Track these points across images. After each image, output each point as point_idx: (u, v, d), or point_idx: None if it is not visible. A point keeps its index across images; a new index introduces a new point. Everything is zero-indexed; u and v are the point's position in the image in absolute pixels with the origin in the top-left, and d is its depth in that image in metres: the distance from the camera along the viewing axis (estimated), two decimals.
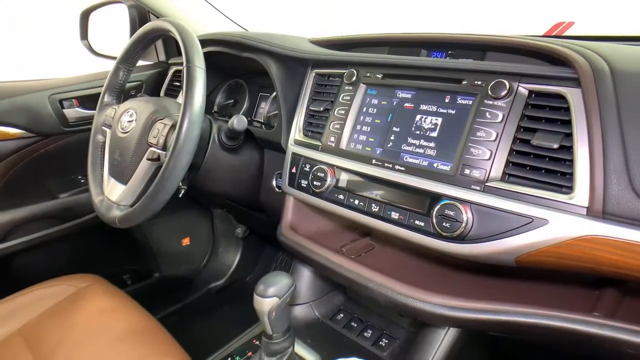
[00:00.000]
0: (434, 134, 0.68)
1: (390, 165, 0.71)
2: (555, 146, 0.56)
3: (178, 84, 1.26)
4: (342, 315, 0.88)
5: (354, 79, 0.80)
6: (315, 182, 0.79)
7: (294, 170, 0.84)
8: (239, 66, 1.06)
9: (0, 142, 1.15)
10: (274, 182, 0.96)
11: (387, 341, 0.80)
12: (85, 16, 1.36)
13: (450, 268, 0.75)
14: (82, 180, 1.32)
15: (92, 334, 0.94)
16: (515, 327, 0.59)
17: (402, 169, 0.69)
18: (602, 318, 0.54)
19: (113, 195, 0.90)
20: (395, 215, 0.68)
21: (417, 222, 0.66)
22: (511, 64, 0.63)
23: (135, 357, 0.86)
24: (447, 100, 0.68)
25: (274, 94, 1.03)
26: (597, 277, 0.62)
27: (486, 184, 0.60)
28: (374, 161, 0.73)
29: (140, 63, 1.32)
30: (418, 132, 0.70)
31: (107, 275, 1.13)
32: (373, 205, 0.71)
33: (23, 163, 1.20)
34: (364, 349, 0.79)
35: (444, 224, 0.62)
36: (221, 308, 1.53)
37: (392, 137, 0.72)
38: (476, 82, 0.65)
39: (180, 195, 0.89)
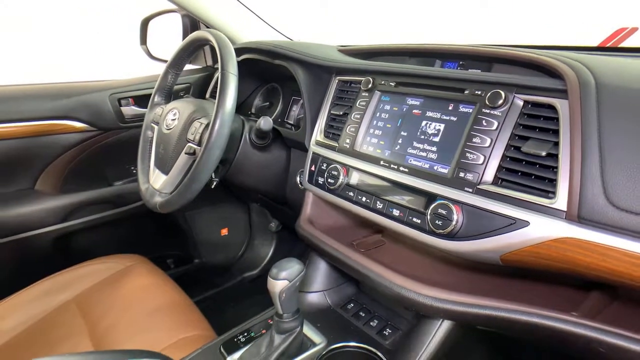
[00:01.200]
0: (437, 139, 0.73)
1: (396, 167, 0.77)
2: (543, 154, 0.59)
3: None
4: (352, 305, 0.94)
5: (369, 86, 0.86)
6: (329, 180, 0.86)
7: (313, 168, 0.92)
8: (274, 72, 1.15)
9: (68, 134, 1.32)
10: (297, 179, 1.04)
11: (390, 331, 0.86)
12: (145, 23, 1.51)
13: (450, 266, 0.80)
14: (134, 171, 1.47)
15: (133, 305, 1.07)
16: (498, 322, 0.64)
17: (406, 170, 0.75)
18: (578, 317, 0.57)
19: (156, 183, 1.02)
20: (396, 212, 0.74)
21: (414, 219, 0.71)
22: (508, 76, 0.67)
23: (167, 328, 0.98)
24: (450, 108, 0.73)
25: None
26: (587, 281, 0.65)
27: (478, 186, 0.65)
28: (382, 162, 0.79)
29: (190, 67, 1.46)
30: (423, 137, 0.75)
31: (152, 257, 1.26)
32: (378, 202, 0.78)
33: (85, 153, 1.37)
34: (368, 336, 0.85)
35: (436, 221, 0.67)
36: (253, 296, 1.64)
37: (400, 141, 0.78)
38: (476, 92, 0.69)
39: (213, 186, 1.00)
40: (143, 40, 1.51)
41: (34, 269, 1.21)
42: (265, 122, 0.97)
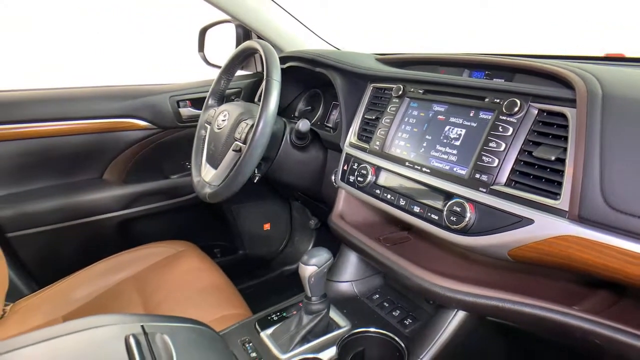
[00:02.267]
0: (458, 143, 0.79)
1: (419, 168, 0.83)
2: (553, 158, 0.64)
3: None
4: (377, 296, 1.01)
5: (400, 92, 0.93)
6: (359, 178, 0.94)
7: (345, 167, 1.00)
8: (316, 79, 1.24)
9: (132, 131, 1.49)
10: (332, 178, 1.12)
11: (410, 321, 0.92)
12: (202, 32, 1.65)
13: (467, 262, 0.85)
14: (188, 166, 1.62)
15: (182, 285, 1.19)
16: (505, 312, 0.69)
17: (428, 171, 0.81)
18: (578, 311, 0.62)
19: (207, 177, 1.15)
20: (417, 209, 0.81)
21: (432, 215, 0.78)
22: (524, 85, 0.72)
23: (211, 305, 1.09)
24: (471, 115, 0.79)
25: None
26: (596, 280, 0.69)
27: (491, 187, 0.70)
28: (407, 163, 0.86)
29: (241, 73, 1.59)
30: (445, 141, 0.81)
31: (201, 246, 1.40)
32: (401, 199, 0.84)
33: (146, 149, 1.53)
34: (389, 324, 0.92)
35: (451, 217, 0.73)
36: (290, 289, 1.74)
37: (425, 144, 0.85)
38: (495, 100, 0.75)
39: (255, 181, 1.11)
40: (201, 47, 1.65)
41: (100, 249, 1.37)
42: (303, 124, 1.06)
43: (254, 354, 0.84)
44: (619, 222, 0.55)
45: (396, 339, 0.87)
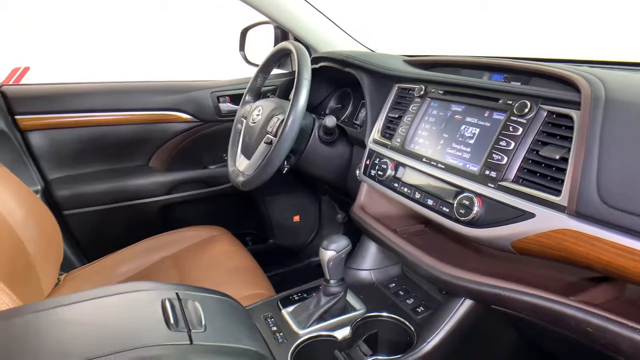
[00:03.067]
0: (472, 141, 0.84)
1: (435, 164, 0.88)
2: (557, 157, 0.68)
3: None
4: (394, 284, 1.07)
5: (422, 93, 0.99)
6: (379, 172, 1.00)
7: (367, 162, 1.07)
8: (347, 78, 1.31)
9: (176, 123, 1.61)
10: (357, 172, 1.19)
11: (423, 309, 0.97)
12: (244, 33, 1.75)
13: (478, 254, 0.90)
14: (225, 157, 1.73)
15: (215, 265, 1.30)
16: (505, 300, 0.73)
17: (443, 167, 0.87)
18: (572, 301, 0.66)
19: (241, 166, 1.24)
20: (430, 202, 0.86)
21: (444, 208, 0.83)
22: (536, 88, 0.76)
23: (240, 284, 1.18)
24: (486, 115, 0.83)
25: None
26: (602, 276, 0.72)
27: (499, 182, 0.75)
28: (424, 159, 0.91)
29: (278, 71, 1.68)
30: (460, 139, 0.86)
31: (233, 233, 1.50)
32: (417, 193, 0.90)
33: (188, 140, 1.65)
34: (402, 310, 0.97)
35: (460, 210, 0.78)
36: (316, 279, 1.82)
37: (442, 142, 0.90)
38: (508, 102, 0.79)
39: (284, 172, 1.19)
40: (241, 47, 1.75)
41: (143, 229, 1.50)
42: (330, 120, 1.13)
43: (274, 328, 0.93)
44: (613, 218, 0.59)
45: (407, 323, 0.93)
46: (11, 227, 1.11)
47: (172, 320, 0.69)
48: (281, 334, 0.90)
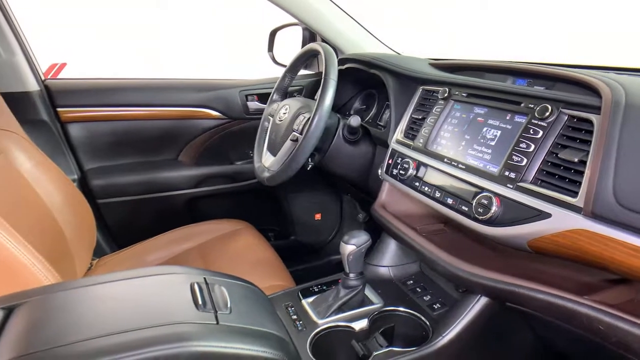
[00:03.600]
0: (493, 143, 0.86)
1: (456, 164, 0.91)
2: (576, 160, 0.70)
3: None
4: (411, 281, 1.09)
5: (445, 95, 1.01)
6: (401, 171, 1.03)
7: (390, 161, 1.10)
8: (372, 80, 1.34)
9: (205, 119, 1.68)
10: (379, 171, 1.22)
11: (439, 305, 0.99)
12: (272, 34, 1.80)
13: (495, 252, 0.91)
14: (251, 154, 1.78)
15: (239, 257, 1.35)
16: (520, 297, 0.75)
17: (464, 167, 0.89)
18: (585, 299, 0.67)
19: (267, 162, 1.29)
20: (450, 201, 0.89)
21: (463, 207, 0.85)
22: (557, 92, 0.78)
23: (262, 275, 1.23)
24: (507, 118, 0.86)
25: None
26: (619, 278, 0.74)
27: (518, 183, 0.77)
28: (445, 159, 0.94)
29: (304, 72, 1.73)
30: (482, 141, 0.89)
31: (257, 228, 1.55)
32: (437, 192, 0.93)
33: (216, 136, 1.72)
34: (419, 306, 1.00)
35: (479, 209, 0.80)
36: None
37: (463, 143, 0.92)
38: (530, 105, 0.81)
39: (308, 169, 1.23)
40: (270, 47, 1.80)
41: (171, 220, 1.56)
42: (355, 120, 1.17)
43: (294, 317, 0.97)
44: (627, 219, 0.60)
45: (423, 318, 0.95)
46: (50, 211, 1.18)
47: (200, 302, 0.74)
48: (301, 322, 0.94)
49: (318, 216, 1.95)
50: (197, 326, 0.69)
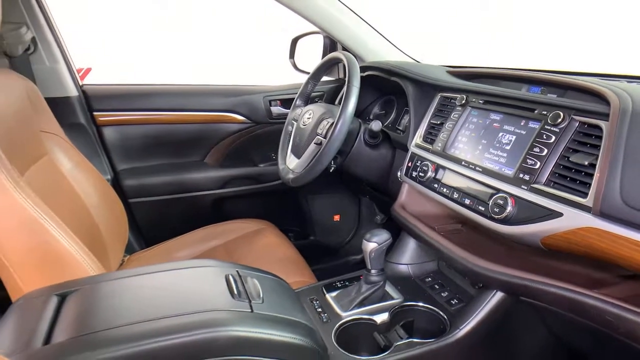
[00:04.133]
0: (508, 147, 0.92)
1: (473, 167, 0.97)
2: (586, 163, 0.75)
3: None
4: (429, 279, 1.15)
5: (463, 102, 1.07)
6: (420, 174, 1.09)
7: (409, 164, 1.16)
8: (392, 87, 1.40)
9: (231, 123, 1.76)
10: (398, 174, 1.28)
11: (456, 301, 1.04)
12: (294, 41, 1.87)
13: (510, 250, 0.97)
14: (274, 157, 1.85)
15: (263, 255, 1.42)
16: (533, 291, 0.81)
17: (480, 170, 0.95)
18: (595, 293, 0.72)
19: (291, 165, 1.36)
20: (467, 201, 0.94)
21: (480, 207, 0.91)
22: (569, 100, 0.83)
23: (286, 272, 1.28)
24: (522, 124, 0.91)
25: None
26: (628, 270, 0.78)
27: (531, 185, 0.82)
28: (463, 163, 1.00)
29: (325, 78, 1.80)
30: (497, 145, 0.94)
31: (278, 228, 1.62)
32: (455, 193, 0.98)
33: (241, 140, 1.80)
34: (437, 301, 1.05)
35: (495, 209, 0.86)
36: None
37: (480, 147, 0.98)
38: (543, 112, 0.87)
39: (331, 171, 1.29)
40: (292, 54, 1.88)
41: (197, 219, 1.64)
42: (376, 124, 1.23)
43: (319, 309, 1.03)
44: (633, 218, 0.66)
45: (441, 313, 1.01)
46: (88, 210, 1.27)
47: (235, 292, 0.81)
48: (325, 314, 1.01)
49: (337, 217, 2.01)
50: (233, 313, 0.76)
